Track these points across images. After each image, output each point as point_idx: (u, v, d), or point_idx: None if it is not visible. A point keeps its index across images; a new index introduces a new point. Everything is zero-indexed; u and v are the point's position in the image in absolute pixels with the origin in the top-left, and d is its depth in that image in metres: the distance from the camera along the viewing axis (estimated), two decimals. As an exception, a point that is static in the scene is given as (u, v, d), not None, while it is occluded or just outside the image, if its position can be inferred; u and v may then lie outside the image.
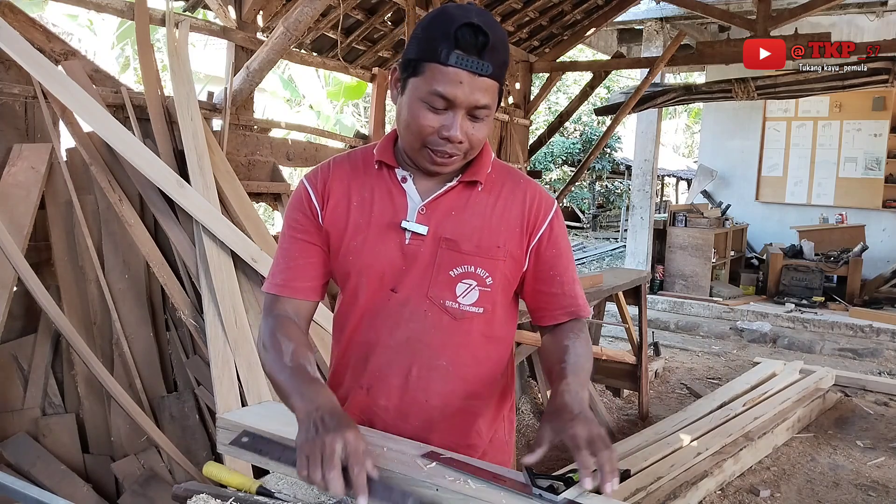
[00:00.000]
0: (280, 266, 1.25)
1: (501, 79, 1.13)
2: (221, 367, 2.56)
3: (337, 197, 1.23)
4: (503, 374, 1.31)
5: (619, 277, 4.34)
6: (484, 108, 1.11)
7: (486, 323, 1.23)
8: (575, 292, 1.26)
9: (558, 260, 1.25)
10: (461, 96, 1.08)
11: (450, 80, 1.07)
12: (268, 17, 3.60)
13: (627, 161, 14.90)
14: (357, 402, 1.27)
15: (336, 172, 1.26)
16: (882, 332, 6.52)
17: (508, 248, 1.21)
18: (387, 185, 1.22)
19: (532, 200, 1.24)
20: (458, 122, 1.10)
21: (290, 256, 1.24)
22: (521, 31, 5.57)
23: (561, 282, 1.25)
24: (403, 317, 1.21)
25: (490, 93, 1.10)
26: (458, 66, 1.06)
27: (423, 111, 1.10)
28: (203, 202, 2.72)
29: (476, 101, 1.09)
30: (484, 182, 1.22)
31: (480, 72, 1.07)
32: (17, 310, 2.53)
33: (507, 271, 1.22)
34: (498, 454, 1.30)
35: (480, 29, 1.06)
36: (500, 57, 1.09)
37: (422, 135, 1.12)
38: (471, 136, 1.13)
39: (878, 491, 3.48)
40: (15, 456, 2.35)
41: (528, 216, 1.23)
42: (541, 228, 1.23)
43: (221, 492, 1.07)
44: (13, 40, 2.41)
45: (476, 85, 1.08)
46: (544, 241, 1.24)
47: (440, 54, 1.06)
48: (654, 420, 4.29)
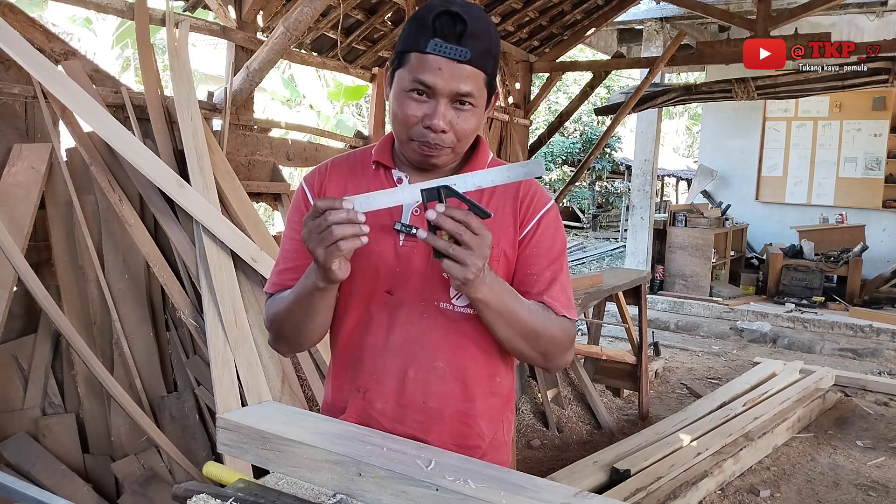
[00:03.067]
0: (279, 267, 1.27)
1: (486, 68, 1.10)
2: (221, 367, 2.56)
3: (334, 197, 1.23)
4: (502, 374, 1.30)
5: (619, 277, 4.35)
6: (467, 95, 1.09)
7: (481, 324, 1.21)
8: (551, 294, 1.20)
9: (537, 259, 1.21)
10: (441, 83, 1.07)
11: (429, 68, 1.07)
12: (268, 17, 3.60)
13: (627, 161, 14.89)
14: (354, 405, 1.27)
15: (333, 173, 1.27)
16: (882, 332, 6.52)
17: (503, 247, 1.20)
18: (382, 187, 1.21)
19: (525, 197, 1.22)
20: (441, 111, 1.09)
21: (288, 258, 1.26)
22: (521, 31, 5.57)
23: (535, 281, 1.20)
24: (399, 319, 1.20)
25: (473, 81, 1.09)
26: (437, 53, 1.06)
27: (408, 101, 1.11)
28: (203, 202, 2.72)
29: (457, 88, 1.08)
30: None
31: (459, 58, 1.06)
32: (17, 310, 2.53)
33: (502, 272, 1.20)
34: (497, 454, 1.29)
35: (458, 16, 1.05)
36: (481, 44, 1.08)
37: (407, 125, 1.12)
38: (456, 127, 1.12)
39: (878, 491, 3.48)
40: (15, 456, 2.34)
41: (518, 212, 1.21)
42: (527, 225, 1.21)
43: (221, 492, 1.07)
44: (13, 40, 2.41)
45: (456, 72, 1.07)
46: (528, 239, 1.21)
47: (420, 42, 1.07)
48: (654, 420, 4.29)
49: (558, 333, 1.20)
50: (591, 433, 4.20)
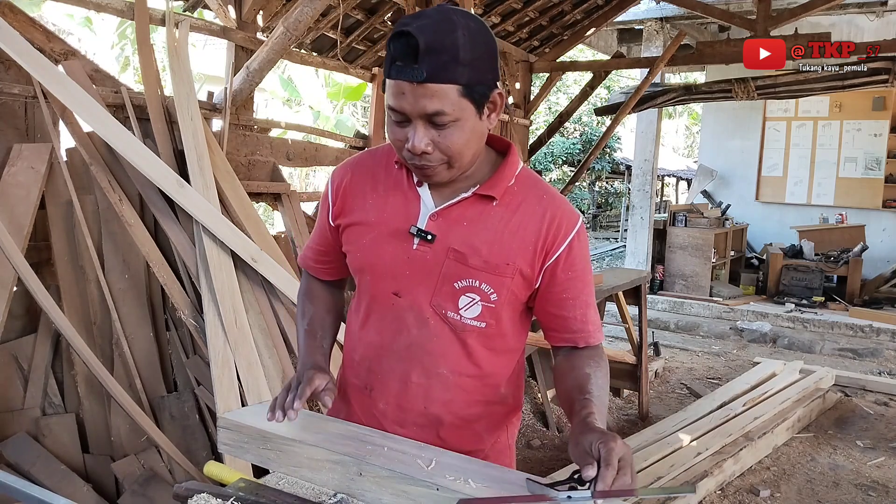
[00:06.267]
0: (308, 243, 1.42)
1: (457, 79, 1.04)
2: (221, 367, 2.56)
3: (353, 195, 1.26)
4: (508, 384, 1.29)
5: (619, 277, 4.35)
6: (437, 114, 1.05)
7: (488, 337, 1.21)
8: (587, 317, 1.22)
9: (573, 283, 1.19)
10: (407, 107, 1.06)
11: (396, 93, 1.06)
12: (268, 17, 3.60)
13: (627, 161, 14.88)
14: (359, 402, 1.29)
15: (357, 170, 1.28)
16: (882, 332, 6.52)
17: (518, 265, 1.17)
18: (403, 188, 1.22)
19: (553, 219, 1.17)
20: (417, 133, 1.07)
21: (313, 238, 1.40)
22: (521, 31, 5.57)
23: (573, 305, 1.20)
24: (406, 322, 1.20)
25: (440, 98, 1.04)
26: (398, 78, 1.04)
27: (392, 126, 1.11)
28: (203, 202, 2.72)
29: (423, 108, 1.05)
30: (501, 196, 1.18)
31: (416, 79, 1.02)
32: (17, 310, 2.53)
33: (516, 289, 1.18)
34: (499, 457, 1.29)
35: (409, 35, 1.01)
36: (440, 58, 1.02)
37: (397, 149, 1.13)
38: (440, 145, 1.08)
39: (878, 491, 3.48)
40: (15, 456, 2.34)
41: (545, 235, 1.17)
42: (558, 249, 1.17)
43: (222, 491, 1.07)
44: (13, 40, 2.40)
45: (418, 93, 1.04)
46: (561, 263, 1.18)
47: (387, 67, 1.07)
48: (654, 420, 4.29)
49: (607, 373, 1.21)
50: (591, 433, 4.19)
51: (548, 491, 0.94)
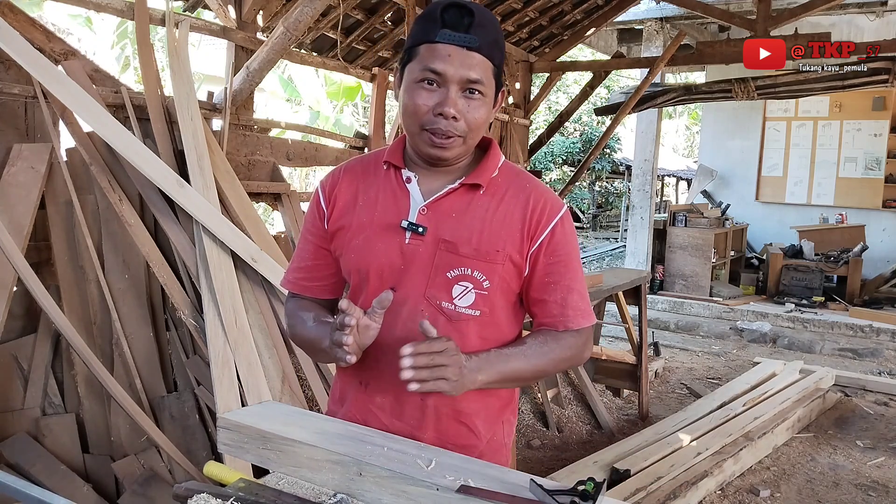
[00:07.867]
0: (294, 264, 1.36)
1: (494, 58, 1.15)
2: (221, 367, 2.56)
3: (345, 199, 1.27)
4: None
5: (619, 277, 4.34)
6: (476, 83, 1.13)
7: (483, 325, 1.23)
8: (567, 301, 1.23)
9: (555, 268, 1.23)
10: (451, 70, 1.11)
11: (439, 56, 1.12)
12: (268, 17, 3.60)
13: (627, 161, 14.88)
14: (355, 397, 1.29)
15: (346, 176, 1.30)
16: (882, 332, 6.52)
17: (508, 252, 1.20)
18: (392, 186, 1.25)
19: (535, 205, 1.22)
20: (451, 96, 1.13)
21: (301, 257, 1.34)
22: (521, 31, 5.57)
23: (554, 289, 1.23)
24: (401, 316, 1.21)
25: (482, 69, 1.13)
26: (447, 42, 1.11)
27: (419, 91, 1.14)
28: (203, 202, 2.72)
29: (467, 74, 1.12)
30: (487, 185, 1.22)
31: (468, 45, 1.11)
32: (17, 310, 2.53)
33: (507, 276, 1.21)
34: (495, 455, 1.29)
35: (466, 7, 1.11)
36: (489, 34, 1.13)
37: (418, 115, 1.15)
38: (466, 116, 1.15)
39: (878, 491, 3.48)
40: (15, 456, 2.34)
41: (529, 221, 1.21)
42: (542, 234, 1.22)
43: (222, 491, 1.07)
44: (13, 40, 2.40)
45: (465, 59, 1.11)
46: (544, 248, 1.22)
47: (429, 34, 1.12)
48: (654, 420, 4.29)
49: (566, 354, 1.24)
50: (591, 433, 4.20)
51: (549, 500, 0.95)
